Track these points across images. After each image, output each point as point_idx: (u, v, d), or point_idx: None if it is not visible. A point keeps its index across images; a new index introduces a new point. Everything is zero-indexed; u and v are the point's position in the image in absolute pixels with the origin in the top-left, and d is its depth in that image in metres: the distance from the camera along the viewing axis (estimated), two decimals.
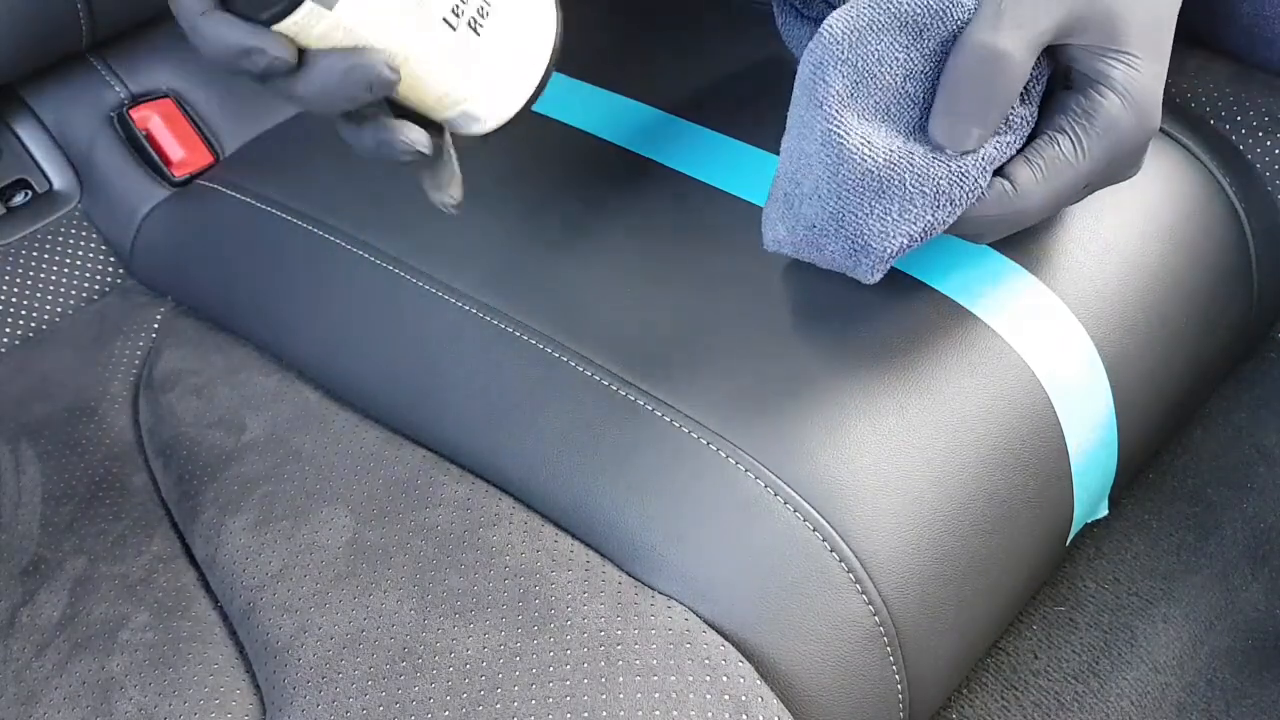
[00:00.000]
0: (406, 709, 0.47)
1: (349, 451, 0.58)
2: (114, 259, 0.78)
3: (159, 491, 0.62)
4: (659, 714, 0.46)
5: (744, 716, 0.47)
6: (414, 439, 0.59)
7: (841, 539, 0.50)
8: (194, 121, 0.80)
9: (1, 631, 0.55)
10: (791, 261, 0.58)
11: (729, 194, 0.62)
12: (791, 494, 0.50)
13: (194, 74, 0.81)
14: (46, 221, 0.78)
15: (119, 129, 0.79)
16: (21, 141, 0.79)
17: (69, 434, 0.65)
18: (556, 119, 0.69)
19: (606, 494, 0.52)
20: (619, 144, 0.67)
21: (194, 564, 0.57)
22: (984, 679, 0.67)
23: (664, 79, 0.70)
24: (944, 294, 0.56)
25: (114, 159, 0.79)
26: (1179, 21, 0.51)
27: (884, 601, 0.50)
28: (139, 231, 0.77)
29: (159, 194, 0.77)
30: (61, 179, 0.79)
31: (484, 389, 0.57)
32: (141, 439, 0.65)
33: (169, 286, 0.74)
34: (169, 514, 0.60)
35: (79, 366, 0.70)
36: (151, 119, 0.79)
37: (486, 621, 0.49)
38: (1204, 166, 0.64)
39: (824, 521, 0.50)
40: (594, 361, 0.56)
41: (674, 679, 0.47)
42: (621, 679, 0.47)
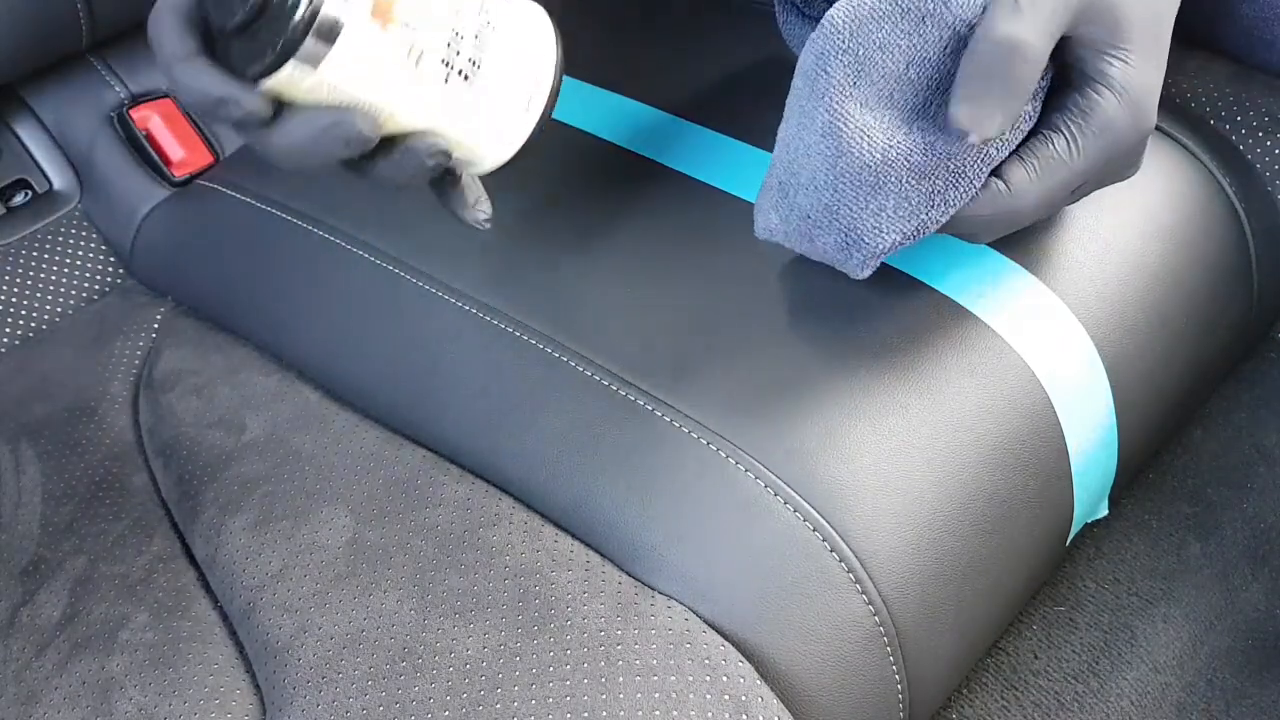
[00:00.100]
0: (406, 709, 0.47)
1: (349, 451, 0.58)
2: (114, 259, 0.78)
3: (159, 491, 0.62)
4: (659, 714, 0.46)
5: (744, 716, 0.46)
6: (414, 439, 0.59)
7: (841, 539, 0.50)
8: (194, 121, 0.80)
9: (1, 631, 0.55)
10: (791, 262, 0.58)
11: (729, 194, 0.62)
12: (791, 494, 0.50)
13: None
14: (46, 221, 0.78)
15: (119, 129, 0.79)
16: (21, 141, 0.79)
17: (69, 434, 0.65)
18: (557, 119, 0.69)
19: (606, 494, 0.52)
20: (619, 144, 0.67)
21: (194, 564, 0.57)
22: (984, 679, 0.67)
23: (664, 79, 0.70)
24: (944, 294, 0.56)
25: (114, 159, 0.79)
26: (1179, 21, 0.51)
27: (884, 601, 0.50)
28: (139, 231, 0.77)
29: (159, 194, 0.77)
30: (61, 179, 0.79)
31: (484, 389, 0.57)
32: (141, 439, 0.65)
33: (169, 286, 0.74)
34: (169, 514, 0.60)
35: (79, 366, 0.70)
36: (151, 119, 0.79)
37: (486, 621, 0.49)
38: (1204, 166, 0.64)
39: (824, 521, 0.50)
40: (594, 361, 0.56)
41: (674, 679, 0.47)
42: (621, 679, 0.47)
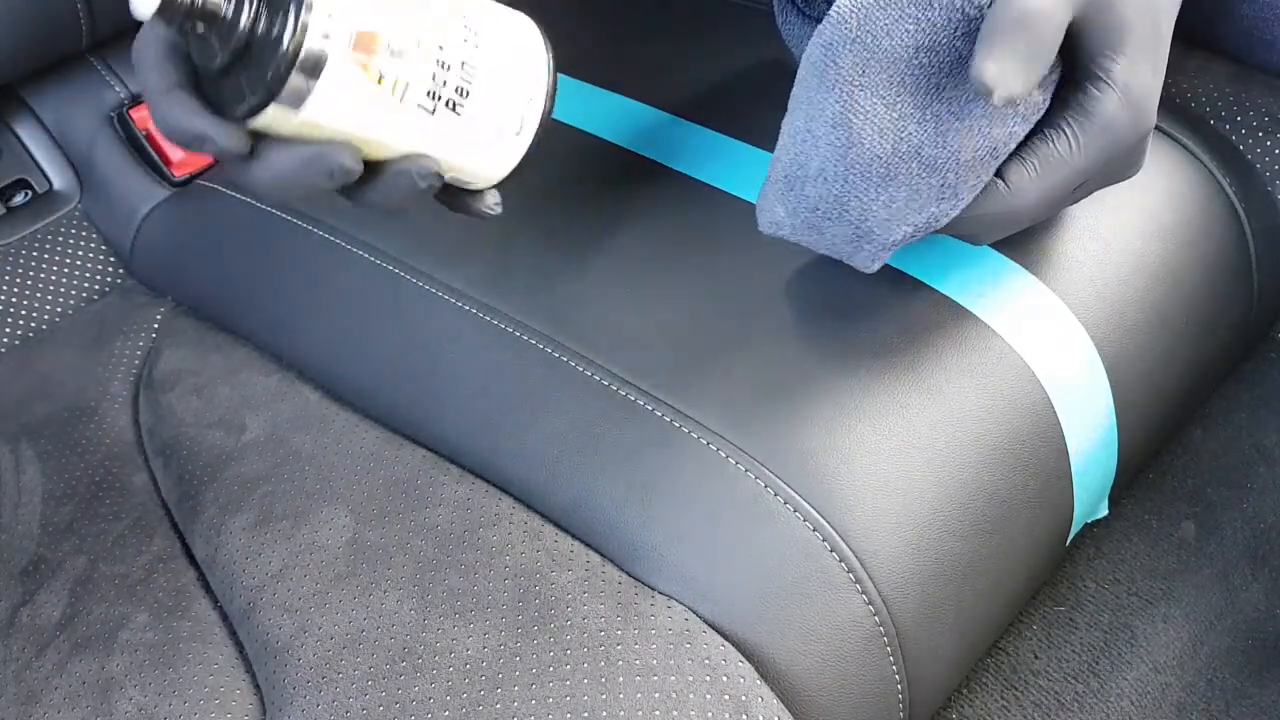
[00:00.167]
0: (406, 709, 0.47)
1: (349, 451, 0.58)
2: (114, 259, 0.78)
3: (159, 491, 0.62)
4: (659, 714, 0.46)
5: (744, 716, 0.46)
6: (414, 439, 0.59)
7: (841, 539, 0.50)
8: None
9: (1, 631, 0.55)
10: (791, 262, 0.58)
11: (729, 194, 0.62)
12: (792, 494, 0.50)
13: None
14: (46, 221, 0.78)
15: (119, 129, 0.79)
16: (21, 141, 0.79)
17: (69, 434, 0.65)
18: (557, 119, 0.69)
19: (607, 494, 0.52)
20: (619, 144, 0.67)
21: (194, 564, 0.57)
22: (984, 679, 0.67)
23: (664, 79, 0.70)
24: (944, 294, 0.56)
25: (114, 159, 0.78)
26: (1179, 21, 0.51)
27: (884, 601, 0.50)
28: (139, 231, 0.77)
29: (159, 194, 0.77)
30: (61, 179, 0.79)
31: (484, 389, 0.57)
32: (141, 439, 0.65)
33: (169, 286, 0.74)
34: (169, 514, 0.60)
35: (79, 366, 0.70)
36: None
37: (486, 621, 0.49)
38: (1204, 166, 0.64)
39: (824, 521, 0.50)
40: (594, 361, 0.56)
41: (674, 679, 0.47)
42: (621, 679, 0.47)
